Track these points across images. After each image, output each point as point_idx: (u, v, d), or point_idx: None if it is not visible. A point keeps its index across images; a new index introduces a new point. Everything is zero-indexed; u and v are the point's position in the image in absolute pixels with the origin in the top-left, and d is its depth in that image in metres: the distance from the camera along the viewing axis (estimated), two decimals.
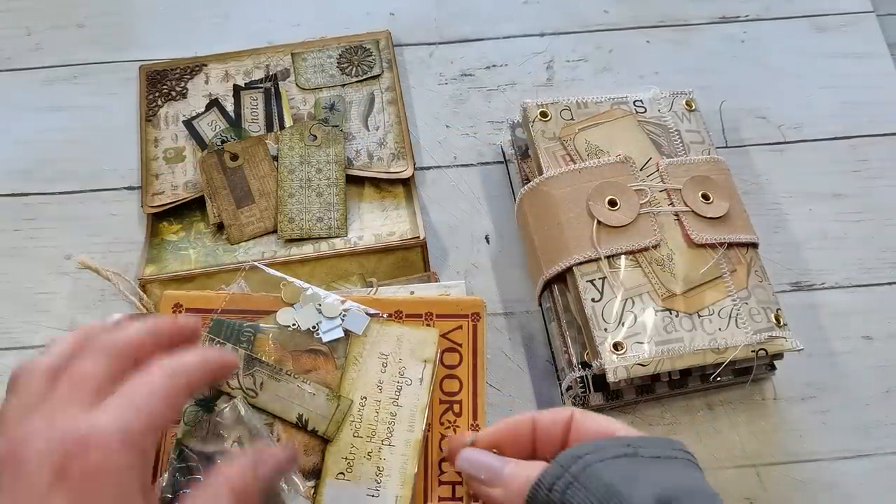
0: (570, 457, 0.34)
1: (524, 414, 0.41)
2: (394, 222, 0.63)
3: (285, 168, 0.65)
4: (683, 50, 0.73)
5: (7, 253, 0.64)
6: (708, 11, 0.75)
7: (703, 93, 0.67)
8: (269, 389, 0.50)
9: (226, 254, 0.62)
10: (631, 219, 0.56)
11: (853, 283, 0.63)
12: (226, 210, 0.64)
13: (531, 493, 0.34)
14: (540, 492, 0.34)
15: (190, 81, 0.70)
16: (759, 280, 0.56)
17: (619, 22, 0.75)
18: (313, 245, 0.62)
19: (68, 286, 0.62)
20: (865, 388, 0.59)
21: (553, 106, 0.61)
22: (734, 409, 0.58)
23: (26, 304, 0.62)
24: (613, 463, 0.33)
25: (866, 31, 0.74)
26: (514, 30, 0.74)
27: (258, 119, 0.68)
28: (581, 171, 0.58)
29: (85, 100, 0.70)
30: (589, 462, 0.33)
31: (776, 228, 0.65)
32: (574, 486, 0.33)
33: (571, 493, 0.33)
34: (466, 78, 0.72)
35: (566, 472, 0.33)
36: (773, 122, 0.70)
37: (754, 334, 0.53)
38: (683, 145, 0.61)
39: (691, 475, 0.34)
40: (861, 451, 0.57)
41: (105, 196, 0.66)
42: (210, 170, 0.65)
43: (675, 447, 0.36)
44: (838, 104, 0.70)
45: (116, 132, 0.69)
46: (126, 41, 0.73)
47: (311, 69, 0.70)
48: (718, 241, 0.56)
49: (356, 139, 0.67)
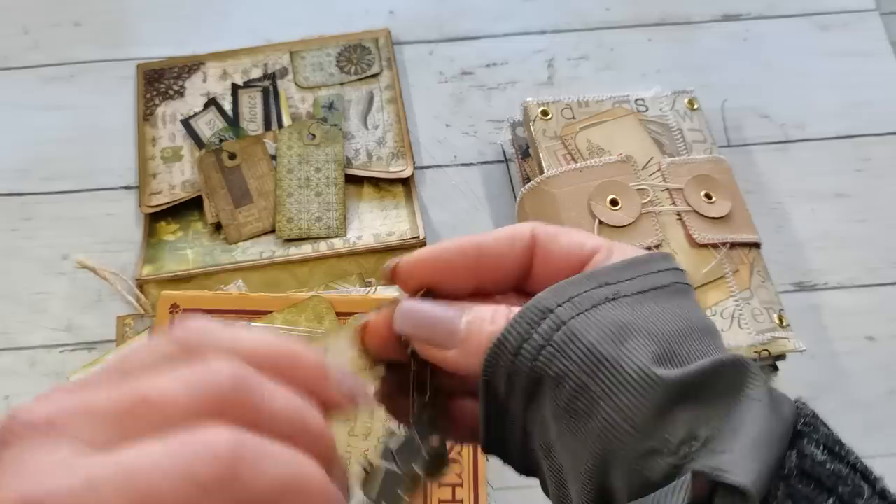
0: (537, 310, 0.26)
1: (466, 238, 0.29)
2: (393, 222, 0.63)
3: (284, 167, 0.64)
4: (685, 48, 0.73)
5: (4, 253, 0.63)
6: (710, 10, 0.75)
7: (705, 91, 0.66)
8: None
9: (224, 254, 0.62)
10: (633, 218, 0.55)
11: (856, 284, 0.62)
12: (224, 210, 0.63)
13: (490, 356, 0.26)
14: (502, 356, 0.26)
15: (188, 80, 0.69)
16: (761, 280, 0.56)
17: (620, 20, 0.74)
18: (312, 245, 0.62)
19: (65, 286, 0.62)
20: (868, 389, 0.58)
21: (554, 105, 0.61)
22: None
23: (23, 304, 0.61)
24: (594, 314, 0.25)
25: (869, 30, 0.74)
26: (515, 28, 0.74)
27: (256, 118, 0.67)
28: (582, 171, 0.57)
29: (82, 99, 0.70)
30: (563, 317, 0.25)
31: (779, 228, 0.64)
32: (547, 351, 0.25)
33: (545, 360, 0.25)
34: (466, 76, 0.71)
35: (535, 331, 0.25)
36: (775, 120, 0.69)
37: (757, 335, 0.53)
38: (685, 144, 0.60)
39: (682, 309, 0.27)
40: (864, 452, 0.56)
41: (102, 195, 0.66)
42: (208, 169, 0.64)
43: (655, 268, 0.28)
44: (841, 103, 0.70)
45: (114, 131, 0.68)
46: (123, 39, 0.73)
47: (310, 68, 0.69)
48: (721, 241, 0.55)
49: (355, 138, 0.66)
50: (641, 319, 0.26)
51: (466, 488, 0.50)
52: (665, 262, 0.28)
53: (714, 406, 0.24)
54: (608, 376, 0.24)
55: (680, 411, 0.24)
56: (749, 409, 0.24)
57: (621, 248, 0.29)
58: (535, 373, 0.25)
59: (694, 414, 0.24)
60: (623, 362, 0.24)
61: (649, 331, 0.25)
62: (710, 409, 0.24)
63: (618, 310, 0.26)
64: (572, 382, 0.25)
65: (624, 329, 0.25)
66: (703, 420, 0.24)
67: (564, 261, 0.29)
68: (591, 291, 0.26)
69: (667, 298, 0.27)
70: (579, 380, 0.25)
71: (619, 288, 0.26)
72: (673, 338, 0.25)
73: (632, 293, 0.26)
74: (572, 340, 0.25)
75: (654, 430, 0.24)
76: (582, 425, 0.25)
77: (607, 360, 0.24)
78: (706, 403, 0.24)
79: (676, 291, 0.27)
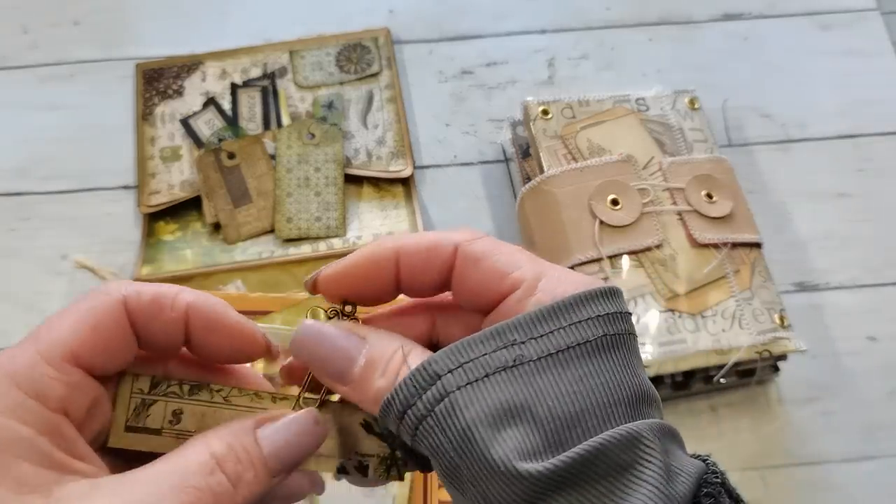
0: (426, 374, 0.24)
1: (386, 242, 0.27)
2: (393, 222, 0.63)
3: (283, 167, 0.64)
4: (686, 48, 0.73)
5: (2, 253, 0.63)
6: (711, 9, 0.75)
7: (706, 91, 0.66)
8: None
9: (223, 254, 0.61)
10: (633, 218, 0.55)
11: (858, 284, 0.62)
12: (223, 209, 0.63)
13: (383, 412, 0.25)
14: (390, 416, 0.25)
15: (187, 80, 0.69)
16: (762, 280, 0.55)
17: (621, 19, 0.74)
18: (311, 245, 0.62)
19: (64, 286, 0.62)
20: (870, 390, 0.58)
21: (554, 104, 0.61)
22: (738, 411, 0.57)
23: (22, 304, 0.61)
24: (481, 387, 0.23)
25: (871, 29, 0.73)
26: (515, 26, 0.73)
27: (255, 117, 0.67)
28: (583, 170, 0.57)
29: (81, 98, 0.70)
30: (448, 388, 0.24)
31: (780, 228, 0.64)
32: (427, 423, 0.24)
33: (424, 431, 0.24)
34: (466, 75, 0.71)
35: (419, 399, 0.24)
36: (776, 120, 0.69)
37: (758, 335, 0.53)
38: (686, 144, 0.60)
39: (593, 378, 0.24)
40: (866, 453, 0.56)
41: (101, 195, 0.65)
42: (207, 169, 0.64)
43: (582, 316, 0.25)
44: (843, 102, 0.70)
45: (112, 131, 0.68)
46: (122, 39, 0.73)
47: (310, 67, 0.69)
48: (722, 241, 0.55)
49: (355, 138, 0.66)
50: (533, 397, 0.23)
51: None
52: (599, 305, 0.25)
53: (592, 492, 0.22)
54: (476, 463, 0.23)
55: (554, 502, 0.23)
56: (633, 492, 0.22)
57: (555, 281, 0.26)
58: (416, 440, 0.24)
59: (570, 503, 0.22)
60: (492, 452, 0.23)
61: (535, 415, 0.23)
62: (587, 496, 0.22)
63: (511, 384, 0.24)
64: (446, 460, 0.24)
65: (507, 412, 0.23)
66: None
67: (479, 291, 0.27)
68: (489, 355, 0.24)
69: (579, 362, 0.24)
70: (452, 460, 0.23)
71: (523, 351, 0.24)
72: (564, 421, 0.23)
73: (536, 357, 0.24)
74: (451, 415, 0.23)
75: None
76: (459, 495, 0.24)
77: (477, 447, 0.23)
78: (584, 490, 0.22)
79: (598, 348, 0.25)
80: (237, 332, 0.27)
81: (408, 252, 0.27)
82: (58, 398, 0.24)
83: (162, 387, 0.27)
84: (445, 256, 0.27)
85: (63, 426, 0.24)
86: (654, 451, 0.23)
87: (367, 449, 0.28)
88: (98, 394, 0.26)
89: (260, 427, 0.26)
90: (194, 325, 0.27)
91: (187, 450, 0.25)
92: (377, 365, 0.26)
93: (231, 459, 0.24)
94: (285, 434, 0.26)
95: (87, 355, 0.25)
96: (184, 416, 0.27)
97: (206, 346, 0.27)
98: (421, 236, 0.27)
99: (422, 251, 0.27)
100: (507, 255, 0.26)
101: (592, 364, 0.24)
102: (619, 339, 0.25)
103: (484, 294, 0.27)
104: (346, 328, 0.27)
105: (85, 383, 0.25)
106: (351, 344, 0.26)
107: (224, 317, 0.27)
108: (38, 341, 0.25)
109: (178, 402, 0.27)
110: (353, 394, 0.26)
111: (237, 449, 0.25)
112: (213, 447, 0.25)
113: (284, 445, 0.26)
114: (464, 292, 0.27)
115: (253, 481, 0.25)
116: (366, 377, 0.26)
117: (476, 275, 0.26)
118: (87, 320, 0.25)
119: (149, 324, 0.26)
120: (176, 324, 0.26)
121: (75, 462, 0.24)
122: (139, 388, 0.27)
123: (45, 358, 0.24)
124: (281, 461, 0.26)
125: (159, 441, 0.27)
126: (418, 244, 0.27)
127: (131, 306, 0.26)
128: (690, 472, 0.23)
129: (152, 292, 0.26)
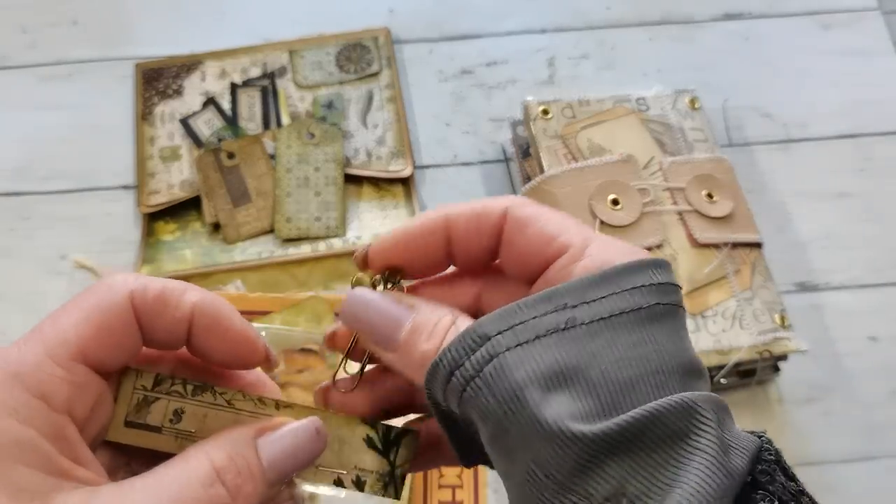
0: (476, 335, 0.24)
1: (435, 213, 0.27)
2: (393, 222, 0.63)
3: (283, 167, 0.64)
4: (687, 47, 0.72)
5: (2, 253, 0.63)
6: (711, 8, 0.74)
7: (706, 91, 0.66)
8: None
9: (222, 254, 0.61)
10: (634, 218, 0.55)
11: (858, 284, 0.62)
12: (222, 209, 0.63)
13: (427, 376, 0.24)
14: (436, 379, 0.24)
15: (186, 79, 0.69)
16: (763, 280, 0.55)
17: (621, 19, 0.74)
18: (311, 245, 0.61)
19: (64, 286, 0.62)
20: (871, 390, 0.58)
21: (555, 104, 0.61)
22: (738, 411, 0.57)
23: (21, 304, 0.61)
24: (532, 349, 0.23)
25: (872, 29, 0.73)
26: (515, 26, 0.73)
27: (255, 117, 0.67)
28: (583, 170, 0.57)
29: (80, 98, 0.70)
30: (498, 348, 0.23)
31: (780, 228, 0.64)
32: (475, 383, 0.23)
33: (472, 393, 0.23)
34: (466, 75, 0.71)
35: (467, 360, 0.23)
36: (777, 120, 0.69)
37: (759, 335, 0.53)
38: (687, 144, 0.60)
39: (646, 345, 0.24)
40: (867, 453, 0.56)
41: (101, 195, 0.65)
42: (206, 169, 0.64)
43: (633, 283, 0.24)
44: (843, 102, 0.70)
45: (112, 131, 0.68)
46: (122, 38, 0.73)
47: (309, 66, 0.69)
48: (722, 241, 0.55)
49: (355, 137, 0.66)
50: (585, 360, 0.23)
51: (467, 490, 0.50)
52: (650, 275, 0.25)
53: (647, 459, 0.22)
54: (527, 426, 0.22)
55: (607, 466, 0.22)
56: (689, 461, 0.21)
57: (603, 247, 0.25)
58: (463, 402, 0.24)
59: (623, 468, 0.22)
60: (544, 412, 0.22)
61: (588, 379, 0.23)
62: (642, 462, 0.22)
63: (562, 346, 0.23)
64: (494, 423, 0.23)
65: (558, 374, 0.23)
66: (632, 475, 0.22)
67: (526, 255, 0.26)
68: (540, 318, 0.24)
69: (632, 328, 0.24)
70: (500, 423, 0.23)
71: (575, 314, 0.24)
72: (618, 385, 0.23)
73: (589, 321, 0.23)
74: (500, 376, 0.23)
75: (575, 485, 0.22)
76: (506, 463, 0.24)
77: (528, 408, 0.22)
78: (638, 456, 0.22)
79: (652, 316, 0.24)
80: (239, 338, 0.27)
81: (457, 218, 0.27)
82: (63, 398, 0.24)
83: (165, 385, 0.27)
84: (494, 220, 0.27)
85: (66, 428, 0.24)
86: (710, 422, 0.22)
87: (366, 464, 0.28)
88: (102, 390, 0.26)
89: (261, 437, 0.26)
90: (197, 327, 0.26)
91: (187, 459, 0.25)
92: (424, 328, 0.26)
93: (231, 471, 0.24)
94: (285, 444, 0.26)
95: (94, 352, 0.25)
96: (185, 416, 0.27)
97: (206, 349, 0.27)
98: (469, 203, 0.27)
99: (471, 216, 0.27)
100: (554, 220, 0.27)
101: (645, 331, 0.24)
102: (671, 309, 0.25)
103: (531, 258, 0.26)
104: (394, 297, 0.27)
105: (90, 381, 0.25)
106: (399, 310, 0.26)
107: (228, 322, 0.27)
108: (45, 338, 0.24)
109: (180, 401, 0.27)
110: (399, 360, 0.26)
111: (237, 461, 0.25)
112: (213, 458, 0.24)
113: (284, 456, 0.26)
114: (512, 256, 0.27)
115: (252, 493, 0.25)
116: (412, 342, 0.26)
117: (524, 239, 0.26)
118: (94, 316, 0.25)
119: (153, 321, 0.26)
120: (179, 324, 0.26)
121: (76, 468, 0.24)
122: (142, 385, 0.27)
123: (51, 356, 0.24)
124: (279, 472, 0.25)
125: (158, 439, 0.27)
126: (467, 209, 0.27)
127: (137, 302, 0.25)
128: (745, 447, 0.23)
129: (158, 289, 0.26)
